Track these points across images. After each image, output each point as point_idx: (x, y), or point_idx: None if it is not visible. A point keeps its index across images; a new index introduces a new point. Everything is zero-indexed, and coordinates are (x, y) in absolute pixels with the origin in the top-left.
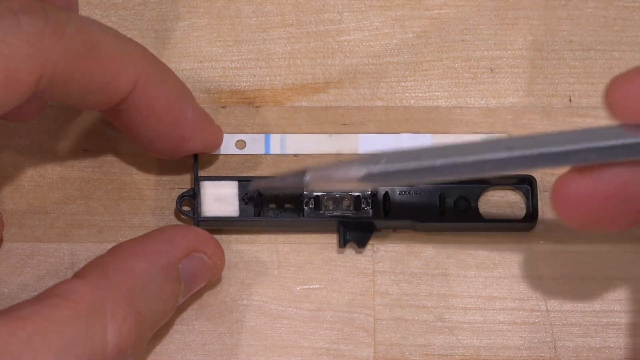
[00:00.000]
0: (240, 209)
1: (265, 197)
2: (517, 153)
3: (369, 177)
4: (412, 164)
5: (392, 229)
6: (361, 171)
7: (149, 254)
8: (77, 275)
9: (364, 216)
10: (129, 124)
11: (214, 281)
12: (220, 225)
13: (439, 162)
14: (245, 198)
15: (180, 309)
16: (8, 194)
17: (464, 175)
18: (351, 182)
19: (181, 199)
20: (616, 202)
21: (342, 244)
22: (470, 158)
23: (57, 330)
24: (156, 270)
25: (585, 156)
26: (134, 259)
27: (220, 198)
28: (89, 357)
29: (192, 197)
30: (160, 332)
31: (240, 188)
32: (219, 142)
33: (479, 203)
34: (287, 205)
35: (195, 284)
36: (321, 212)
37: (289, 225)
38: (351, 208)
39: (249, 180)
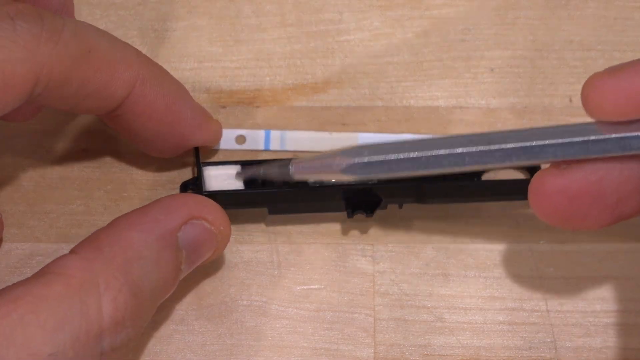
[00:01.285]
0: (245, 187)
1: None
2: (495, 147)
3: (351, 169)
4: (394, 156)
5: (397, 204)
6: (343, 163)
7: (145, 224)
8: (72, 250)
9: (368, 183)
10: (128, 127)
11: (221, 251)
12: (225, 202)
13: (419, 154)
14: (248, 181)
15: (180, 309)
16: (8, 194)
17: (445, 167)
18: (334, 173)
19: (185, 188)
20: (590, 199)
21: (350, 214)
22: (450, 151)
23: (50, 308)
24: (152, 239)
25: (561, 151)
26: (130, 229)
27: (223, 179)
28: (86, 332)
29: (194, 185)
30: (160, 332)
31: (243, 170)
32: (218, 137)
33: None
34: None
35: (199, 252)
36: (325, 182)
37: (295, 200)
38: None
39: (251, 163)
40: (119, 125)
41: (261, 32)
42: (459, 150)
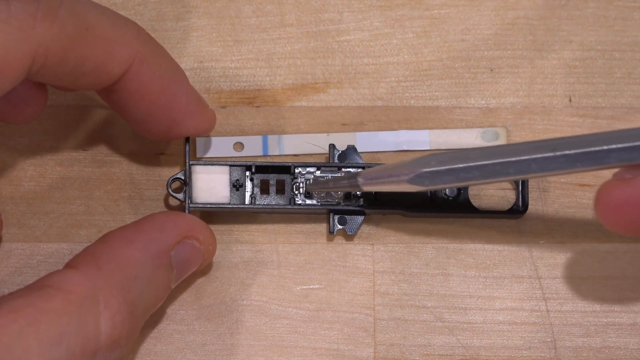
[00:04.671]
0: (231, 195)
1: (257, 183)
2: (560, 153)
3: (419, 179)
4: (461, 165)
5: (381, 214)
6: (411, 173)
7: (141, 242)
8: (69, 265)
9: (354, 205)
10: (122, 104)
11: (205, 266)
12: (211, 209)
13: (486, 162)
14: (237, 184)
15: (180, 309)
16: (8, 194)
17: (511, 175)
18: (402, 184)
19: (171, 181)
20: None
21: (332, 230)
22: (516, 158)
23: (50, 321)
24: (148, 258)
25: (627, 155)
26: (127, 247)
27: (211, 183)
28: (82, 348)
29: (182, 181)
30: (160, 332)
31: (231, 173)
32: (211, 126)
33: (469, 190)
34: (278, 189)
35: (187, 269)
36: (311, 200)
37: (280, 213)
38: (341, 196)
39: (240, 166)
40: (112, 101)
41: (261, 32)
42: (525, 157)
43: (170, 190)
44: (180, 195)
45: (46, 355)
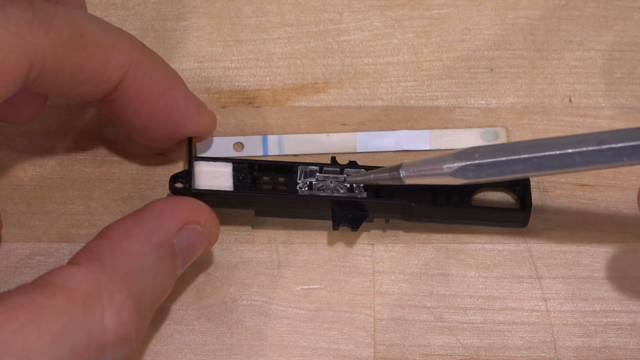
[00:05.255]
0: (234, 188)
1: (259, 179)
2: (606, 146)
3: (462, 171)
4: (505, 158)
5: (384, 218)
6: (454, 165)
7: (142, 234)
8: (72, 261)
9: (356, 197)
10: (122, 113)
11: (210, 249)
12: (213, 202)
13: (530, 155)
14: (240, 176)
15: (180, 309)
16: (8, 194)
17: (555, 168)
18: (445, 176)
19: (174, 180)
20: None
21: (336, 225)
22: (561, 151)
23: (52, 319)
24: (151, 249)
25: None
26: (128, 240)
27: (213, 177)
28: (87, 345)
29: (184, 180)
30: (160, 332)
31: (234, 170)
32: (212, 127)
33: (471, 201)
34: (281, 188)
35: (192, 255)
36: (314, 192)
37: (283, 206)
38: (344, 192)
39: (243, 163)
40: (113, 112)
41: (261, 32)
42: (570, 150)
43: (172, 187)
44: (183, 190)
45: (47, 353)
